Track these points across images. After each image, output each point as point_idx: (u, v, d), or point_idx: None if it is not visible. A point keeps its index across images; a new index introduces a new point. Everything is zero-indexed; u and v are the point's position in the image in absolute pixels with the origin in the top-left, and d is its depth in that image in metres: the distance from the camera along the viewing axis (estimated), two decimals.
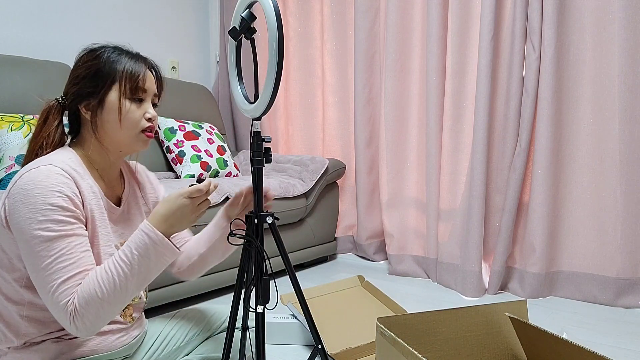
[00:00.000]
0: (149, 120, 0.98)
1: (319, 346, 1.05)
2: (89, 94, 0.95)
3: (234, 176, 2.49)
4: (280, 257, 2.32)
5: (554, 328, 1.72)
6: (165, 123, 2.43)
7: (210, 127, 2.61)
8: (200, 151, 2.40)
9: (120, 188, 1.07)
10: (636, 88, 1.86)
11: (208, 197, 0.95)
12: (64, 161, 0.91)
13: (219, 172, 2.42)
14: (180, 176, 2.34)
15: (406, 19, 2.35)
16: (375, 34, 2.51)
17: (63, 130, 0.99)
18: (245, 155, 2.81)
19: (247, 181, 2.16)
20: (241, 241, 1.01)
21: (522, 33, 2.01)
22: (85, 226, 0.91)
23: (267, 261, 1.00)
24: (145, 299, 1.13)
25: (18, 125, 1.82)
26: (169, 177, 2.34)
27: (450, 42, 2.17)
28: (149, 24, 2.78)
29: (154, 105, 1.03)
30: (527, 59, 1.99)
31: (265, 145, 1.01)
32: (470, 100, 2.17)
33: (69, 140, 1.01)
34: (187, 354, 1.22)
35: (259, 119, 0.99)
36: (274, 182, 2.23)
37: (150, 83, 0.99)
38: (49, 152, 0.96)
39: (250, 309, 1.00)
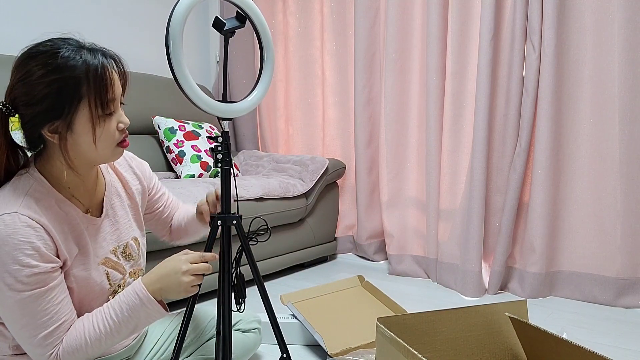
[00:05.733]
0: (122, 130, 0.91)
1: (284, 355, 1.05)
2: (53, 117, 0.84)
3: (234, 176, 2.49)
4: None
5: (554, 328, 1.72)
6: (165, 123, 2.43)
7: (210, 127, 2.62)
8: (200, 151, 2.40)
9: (100, 190, 1.00)
10: (636, 88, 1.86)
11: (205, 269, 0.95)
12: (29, 200, 0.83)
13: (219, 172, 2.42)
14: (180, 176, 2.34)
15: (406, 19, 2.35)
16: (375, 33, 2.51)
17: (10, 143, 0.89)
18: (245, 155, 2.81)
19: (247, 181, 2.16)
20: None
21: (522, 33, 2.00)
22: (64, 265, 0.88)
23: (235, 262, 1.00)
24: None
25: (18, 126, 1.82)
26: (169, 177, 2.34)
27: (450, 42, 2.17)
28: (148, 24, 2.78)
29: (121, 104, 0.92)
30: (527, 59, 1.99)
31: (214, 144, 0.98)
32: (470, 100, 2.17)
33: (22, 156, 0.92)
34: (189, 355, 1.23)
35: (230, 119, 0.98)
36: (274, 182, 2.23)
37: (117, 86, 0.89)
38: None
39: (233, 310, 1.01)
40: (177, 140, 2.39)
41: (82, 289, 0.92)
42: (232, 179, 0.99)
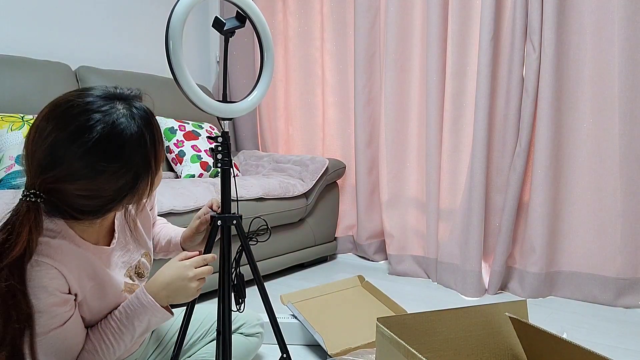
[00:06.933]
0: None
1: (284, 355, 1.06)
2: (127, 200, 0.85)
3: (234, 176, 2.49)
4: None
5: (554, 328, 1.72)
6: (165, 123, 2.42)
7: (210, 127, 2.61)
8: (200, 151, 2.40)
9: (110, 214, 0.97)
10: (636, 88, 1.86)
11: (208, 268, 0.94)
12: (47, 243, 0.79)
13: (219, 172, 2.42)
14: (180, 176, 2.34)
15: (406, 19, 2.35)
16: (375, 33, 2.51)
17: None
18: (245, 155, 2.81)
19: (247, 181, 2.16)
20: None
21: (522, 33, 2.00)
22: (75, 298, 0.86)
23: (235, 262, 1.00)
24: None
25: (18, 125, 1.82)
26: (169, 177, 2.34)
27: (450, 42, 2.17)
28: (148, 24, 2.78)
29: None
30: (527, 59, 1.99)
31: (214, 144, 0.98)
32: (470, 100, 2.17)
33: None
34: (190, 356, 1.23)
35: (230, 119, 0.99)
36: (274, 182, 2.23)
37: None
38: None
39: (233, 310, 1.01)
40: (177, 140, 2.39)
41: (94, 317, 0.91)
42: (232, 179, 0.99)
